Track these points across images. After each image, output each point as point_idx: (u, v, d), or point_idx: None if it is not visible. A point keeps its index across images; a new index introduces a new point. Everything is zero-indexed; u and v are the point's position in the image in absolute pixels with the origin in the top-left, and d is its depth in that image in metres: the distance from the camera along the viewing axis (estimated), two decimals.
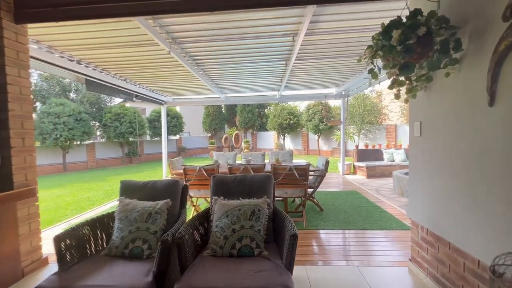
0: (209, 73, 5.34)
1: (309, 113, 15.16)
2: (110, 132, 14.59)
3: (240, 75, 5.67)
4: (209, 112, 20.12)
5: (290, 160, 5.17)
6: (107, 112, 14.68)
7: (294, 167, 3.32)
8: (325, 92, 7.40)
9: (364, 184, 6.94)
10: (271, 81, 6.29)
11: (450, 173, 1.78)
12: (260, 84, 6.68)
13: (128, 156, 16.29)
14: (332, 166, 9.83)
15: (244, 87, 6.99)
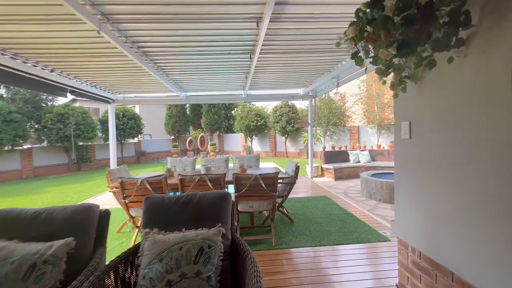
0: (161, 66, 4.57)
1: (276, 114, 14.98)
2: (51, 135, 12.56)
3: (201, 71, 5.01)
4: (171, 113, 18.80)
5: (257, 165, 4.67)
6: (48, 112, 12.62)
7: (261, 176, 2.80)
8: (293, 93, 7.10)
9: (332, 187, 6.77)
10: (235, 78, 5.73)
11: (451, 183, 1.41)
12: (224, 82, 6.08)
13: (76, 163, 14.27)
14: (300, 168, 9.64)
15: (207, 85, 6.32)
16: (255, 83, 6.36)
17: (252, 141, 17.58)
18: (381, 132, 12.12)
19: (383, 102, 11.78)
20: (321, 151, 8.43)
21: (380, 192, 5.38)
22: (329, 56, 4.35)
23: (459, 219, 1.37)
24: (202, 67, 4.78)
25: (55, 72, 4.43)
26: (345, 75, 5.14)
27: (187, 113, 19.63)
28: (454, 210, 1.40)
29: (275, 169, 3.32)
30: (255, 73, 5.38)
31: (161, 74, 4.96)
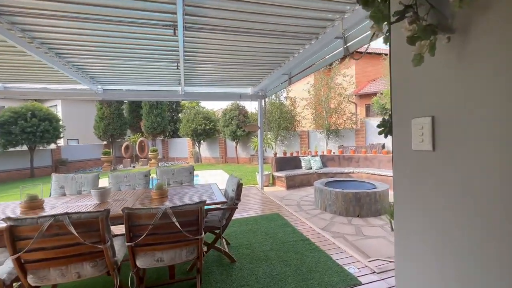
0: (51, 45, 3.12)
1: (226, 118, 13.97)
2: None
3: (118, 58, 3.70)
4: (103, 114, 15.96)
5: (190, 180, 3.54)
6: None
7: (176, 211, 1.73)
8: (240, 92, 6.21)
9: (285, 199, 6.05)
10: (166, 71, 4.52)
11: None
12: (152, 76, 4.79)
13: None
14: (251, 177, 8.77)
15: (130, 78, 4.91)
16: (194, 79, 5.24)
17: (200, 147, 16.14)
18: (330, 137, 12.24)
19: (331, 107, 11.92)
20: (272, 158, 7.73)
21: (335, 203, 4.83)
22: (279, 46, 3.58)
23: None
24: (119, 53, 3.49)
25: None
26: (297, 71, 4.45)
27: (123, 115, 16.99)
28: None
29: (200, 200, 2.26)
30: (192, 68, 4.32)
31: (53, 57, 3.45)
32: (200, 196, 2.64)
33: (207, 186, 3.20)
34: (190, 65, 4.35)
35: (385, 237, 3.68)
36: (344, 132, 12.17)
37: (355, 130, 12.04)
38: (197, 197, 2.58)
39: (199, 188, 3.07)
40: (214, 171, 11.02)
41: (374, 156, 7.45)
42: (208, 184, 3.29)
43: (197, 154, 16.13)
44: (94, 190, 2.35)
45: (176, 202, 2.42)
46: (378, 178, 6.71)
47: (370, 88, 14.54)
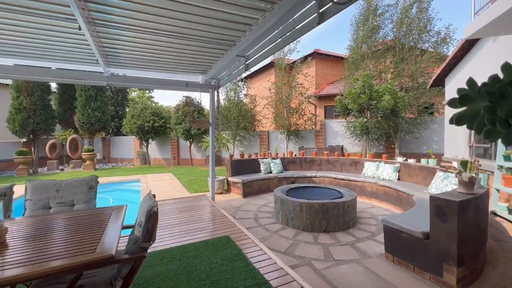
0: None
1: (179, 114, 12.44)
2: None
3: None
4: (21, 104, 12.84)
5: (89, 200, 2.27)
6: None
7: None
8: (187, 80, 5.04)
9: (240, 210, 5.08)
10: (67, 35, 3.13)
11: None
12: (51, 42, 3.32)
13: None
14: (203, 182, 7.59)
15: (18, 44, 3.35)
16: (121, 58, 3.92)
17: (148, 146, 14.21)
18: (290, 138, 11.73)
19: (291, 107, 11.43)
20: (228, 160, 6.70)
21: (299, 216, 4.04)
22: (232, 18, 2.60)
23: None
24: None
25: None
26: (255, 52, 3.52)
27: (51, 106, 13.98)
28: None
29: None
30: (112, 41, 3.07)
31: None
32: (80, 234, 1.47)
33: (109, 211, 2.02)
34: (107, 35, 3.09)
35: (359, 262, 2.98)
36: (304, 133, 11.80)
37: (315, 132, 11.77)
38: (74, 237, 1.41)
39: (94, 217, 1.87)
40: (160, 175, 9.49)
41: (336, 158, 7.00)
42: (119, 208, 2.11)
43: (145, 155, 14.17)
44: None
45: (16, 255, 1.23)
46: (342, 183, 6.23)
47: (330, 90, 14.59)
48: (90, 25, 2.85)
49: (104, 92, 14.93)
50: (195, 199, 5.29)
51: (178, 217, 4.31)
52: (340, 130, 11.16)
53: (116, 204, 6.45)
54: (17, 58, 3.83)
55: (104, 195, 7.15)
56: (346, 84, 10.34)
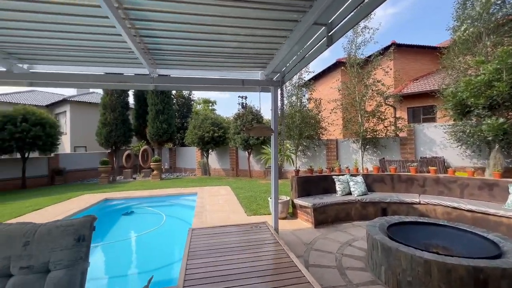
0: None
1: (237, 124, 11.87)
2: None
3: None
4: (106, 119, 14.63)
5: (74, 260, 1.34)
6: None
7: None
8: (244, 77, 4.05)
9: (312, 249, 3.64)
10: (107, 36, 2.59)
11: None
12: (92, 44, 2.83)
13: None
14: (263, 201, 6.41)
15: (65, 50, 2.98)
16: (168, 56, 3.22)
17: (209, 157, 14.14)
18: (366, 148, 9.59)
19: (368, 110, 9.35)
20: (293, 177, 5.36)
21: (423, 283, 2.37)
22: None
23: None
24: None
25: None
26: (342, 18, 2.19)
27: (129, 120, 15.58)
28: None
29: None
30: (155, 37, 2.33)
31: None
32: None
33: None
34: (147, 31, 2.43)
35: None
36: (385, 141, 9.48)
37: (400, 140, 9.33)
38: None
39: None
40: (217, 189, 8.82)
41: (451, 178, 4.82)
42: None
43: (205, 165, 14.13)
44: None
45: None
46: (468, 217, 4.09)
47: (416, 87, 11.75)
48: (124, 20, 2.19)
49: (171, 105, 15.81)
50: (254, 228, 4.12)
51: (227, 255, 3.19)
52: (438, 137, 8.47)
53: (169, 222, 5.89)
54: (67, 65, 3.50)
55: (159, 210, 6.77)
56: (448, 76, 7.75)
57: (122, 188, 9.96)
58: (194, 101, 22.69)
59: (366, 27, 8.74)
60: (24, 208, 6.68)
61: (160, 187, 9.73)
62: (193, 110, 21.59)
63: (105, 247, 4.65)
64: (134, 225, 6.09)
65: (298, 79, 10.43)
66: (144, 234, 5.29)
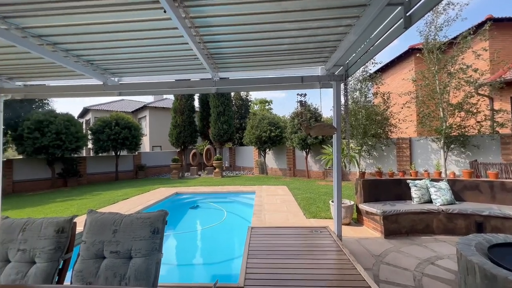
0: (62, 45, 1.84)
1: (294, 123, 11.64)
2: (27, 145, 10.78)
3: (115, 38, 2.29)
4: (176, 122, 16.49)
5: (151, 257, 1.45)
6: (26, 120, 10.92)
7: None
8: (303, 74, 3.88)
9: (383, 263, 3.21)
10: (175, 46, 2.86)
11: None
12: (164, 56, 3.18)
13: (62, 177, 12.41)
14: (322, 204, 6.07)
15: (144, 62, 3.44)
16: (227, 59, 3.34)
17: (266, 156, 14.33)
18: (451, 148, 8.05)
19: (453, 102, 7.81)
20: (357, 180, 4.88)
21: None
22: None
23: None
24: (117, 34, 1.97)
25: None
26: None
27: (195, 122, 17.19)
28: None
29: None
30: (215, 42, 2.47)
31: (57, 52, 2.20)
32: None
33: None
34: (209, 37, 2.74)
35: None
36: (478, 140, 7.76)
37: (501, 138, 7.47)
38: None
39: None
40: (275, 189, 8.82)
41: None
42: None
43: (263, 165, 14.38)
44: None
45: None
46: None
47: None
48: (190, 29, 2.40)
49: (230, 107, 16.68)
50: (314, 233, 3.91)
51: (287, 258, 3.09)
52: None
53: (229, 218, 6.17)
54: (144, 75, 4.02)
55: (221, 205, 7.18)
56: None
57: (189, 183, 11.01)
58: (251, 102, 23.41)
59: (451, 3, 7.32)
60: (117, 196, 8.06)
61: (221, 184, 10.35)
62: (251, 110, 22.30)
63: (175, 236, 5.18)
64: (199, 218, 6.62)
65: (362, 72, 9.52)
66: (207, 228, 5.68)
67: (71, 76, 3.98)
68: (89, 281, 1.38)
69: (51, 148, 11.11)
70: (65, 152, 11.64)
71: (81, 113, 23.20)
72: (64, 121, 11.61)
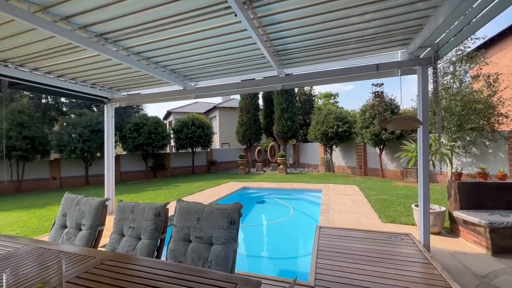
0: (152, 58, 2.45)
1: (366, 116, 10.60)
2: (129, 143, 13.39)
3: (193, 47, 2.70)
4: (242, 120, 17.41)
5: (229, 245, 1.54)
6: (128, 123, 13.57)
7: None
8: (378, 61, 3.45)
9: (491, 286, 2.57)
10: (242, 47, 3.02)
11: None
12: (232, 57, 3.40)
13: (152, 170, 14.91)
14: (402, 207, 5.35)
15: (219, 68, 3.77)
16: (291, 52, 3.30)
17: (332, 153, 13.58)
18: None
19: None
20: (451, 183, 4.06)
21: None
22: None
23: None
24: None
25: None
26: None
27: (259, 120, 17.78)
28: None
29: None
30: (279, 32, 2.51)
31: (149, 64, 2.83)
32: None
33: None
34: (275, 34, 2.78)
35: None
36: None
37: None
38: None
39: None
40: (344, 188, 8.26)
41: None
42: None
43: (329, 162, 13.70)
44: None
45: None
46: None
47: None
48: (258, 29, 2.51)
49: (294, 103, 16.50)
50: (393, 239, 3.47)
51: (359, 263, 2.83)
52: None
53: (295, 215, 6.13)
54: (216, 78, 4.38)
55: (287, 202, 7.20)
56: None
57: (255, 179, 11.48)
58: (315, 97, 22.55)
59: None
60: (194, 188, 9.12)
61: (286, 180, 10.39)
62: (315, 105, 21.51)
63: (242, 229, 5.49)
64: (265, 213, 6.82)
65: (456, 51, 7.85)
66: (273, 223, 5.80)
67: (158, 84, 4.69)
68: (179, 260, 1.61)
69: (145, 145, 13.44)
70: (155, 149, 13.89)
71: (165, 116, 27.18)
72: (154, 123, 13.86)
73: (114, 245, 1.85)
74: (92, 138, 12.12)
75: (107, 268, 1.33)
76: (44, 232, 4.56)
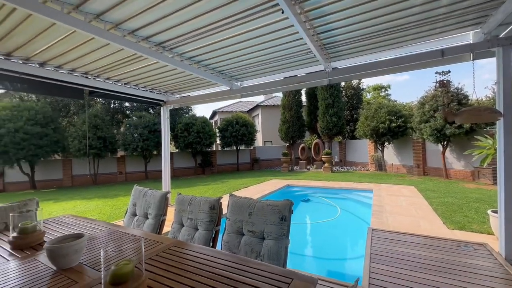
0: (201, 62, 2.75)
1: (425, 109, 9.45)
2: (180, 142, 14.58)
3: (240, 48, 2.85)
4: (285, 118, 17.28)
5: (280, 240, 1.54)
6: (179, 123, 14.78)
7: None
8: (443, 46, 3.02)
9: None
10: (289, 43, 3.00)
11: None
12: (277, 54, 3.41)
13: (201, 167, 15.96)
14: (474, 213, 4.65)
15: (260, 65, 3.84)
16: (342, 45, 3.15)
17: (384, 150, 12.51)
18: None
19: None
20: None
21: None
22: None
23: None
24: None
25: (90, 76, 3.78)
26: None
27: (302, 117, 17.41)
28: None
29: None
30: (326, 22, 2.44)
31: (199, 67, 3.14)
32: None
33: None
34: (323, 27, 2.67)
35: None
36: None
37: None
38: None
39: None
40: (398, 188, 7.55)
41: None
42: None
43: (380, 160, 12.66)
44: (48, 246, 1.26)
45: None
46: None
47: None
48: (305, 23, 2.48)
49: (340, 98, 15.67)
50: (464, 248, 3.02)
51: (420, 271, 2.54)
52: None
53: (343, 216, 5.84)
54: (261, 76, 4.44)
55: (333, 201, 6.91)
56: None
57: (299, 177, 11.31)
58: (364, 90, 21.02)
59: None
60: (239, 185, 9.45)
61: (332, 179, 9.97)
62: (363, 99, 20.07)
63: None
64: (311, 212, 6.67)
65: None
66: (320, 223, 5.64)
67: (207, 85, 4.97)
68: (233, 251, 1.70)
69: (194, 144, 14.44)
70: (203, 147, 14.82)
71: (210, 116, 28.71)
72: (201, 122, 14.79)
73: (175, 234, 2.06)
74: (150, 138, 13.56)
75: (173, 253, 1.49)
76: (115, 219, 5.30)
